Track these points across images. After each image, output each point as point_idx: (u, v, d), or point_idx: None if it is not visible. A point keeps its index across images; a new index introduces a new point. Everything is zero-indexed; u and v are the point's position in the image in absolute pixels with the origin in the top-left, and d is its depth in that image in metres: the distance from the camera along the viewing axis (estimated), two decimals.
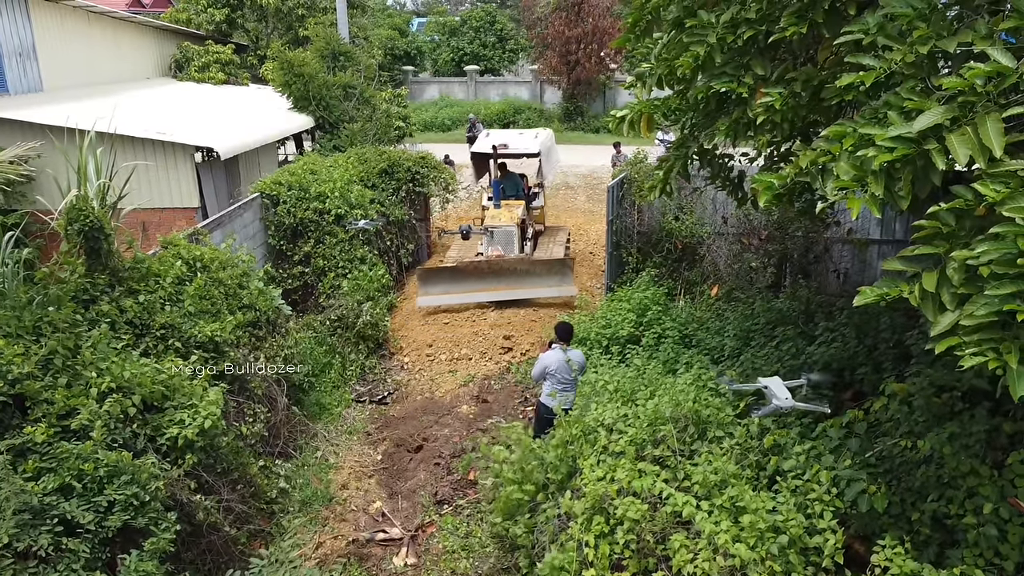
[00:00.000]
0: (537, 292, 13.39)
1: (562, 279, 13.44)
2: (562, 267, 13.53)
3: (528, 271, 13.44)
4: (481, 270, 13.46)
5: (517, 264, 13.56)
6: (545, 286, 13.39)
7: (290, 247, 12.75)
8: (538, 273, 13.42)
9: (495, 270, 13.42)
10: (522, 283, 13.35)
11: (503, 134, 16.59)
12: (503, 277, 13.36)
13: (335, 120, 17.49)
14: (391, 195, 14.77)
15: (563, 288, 13.47)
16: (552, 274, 13.42)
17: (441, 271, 13.71)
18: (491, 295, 13.31)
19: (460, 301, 13.32)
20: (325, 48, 17.97)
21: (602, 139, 31.27)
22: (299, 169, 13.55)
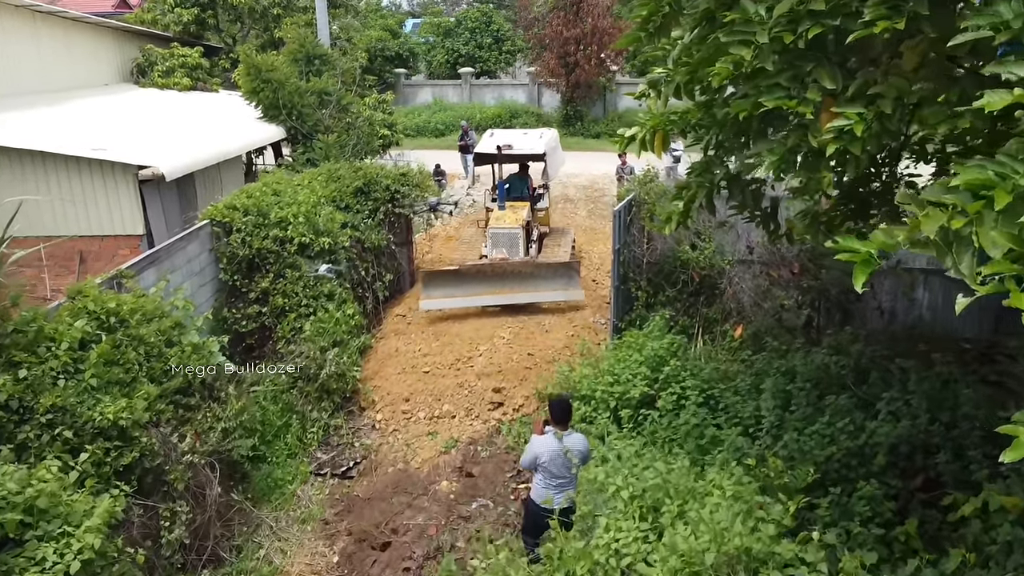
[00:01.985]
0: (543, 296, 12.65)
1: (568, 282, 12.64)
2: (568, 270, 12.74)
3: (533, 274, 12.70)
4: (485, 273, 12.73)
5: (522, 267, 12.82)
6: (551, 289, 12.65)
7: (245, 283, 10.84)
8: (544, 276, 12.69)
9: (499, 273, 12.70)
10: (527, 286, 12.60)
11: (507, 134, 15.59)
12: (507, 280, 12.64)
13: (309, 130, 15.58)
14: (367, 217, 12.87)
15: (570, 292, 12.65)
16: (558, 277, 12.67)
17: (444, 274, 12.88)
18: (495, 299, 12.57)
19: (464, 304, 12.54)
20: (299, 51, 16.05)
21: (603, 145, 29.30)
22: (259, 190, 11.64)
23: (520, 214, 13.90)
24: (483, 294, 12.63)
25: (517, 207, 14.17)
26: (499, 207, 14.05)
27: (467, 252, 14.61)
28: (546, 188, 15.30)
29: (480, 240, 14.54)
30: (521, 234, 13.53)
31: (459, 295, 12.59)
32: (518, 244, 13.48)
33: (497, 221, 13.72)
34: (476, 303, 12.60)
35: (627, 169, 17.67)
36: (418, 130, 32.19)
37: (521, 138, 15.04)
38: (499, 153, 14.38)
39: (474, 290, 12.62)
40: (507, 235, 13.49)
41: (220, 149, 13.84)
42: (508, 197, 14.40)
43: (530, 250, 13.86)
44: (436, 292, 12.60)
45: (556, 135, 16.08)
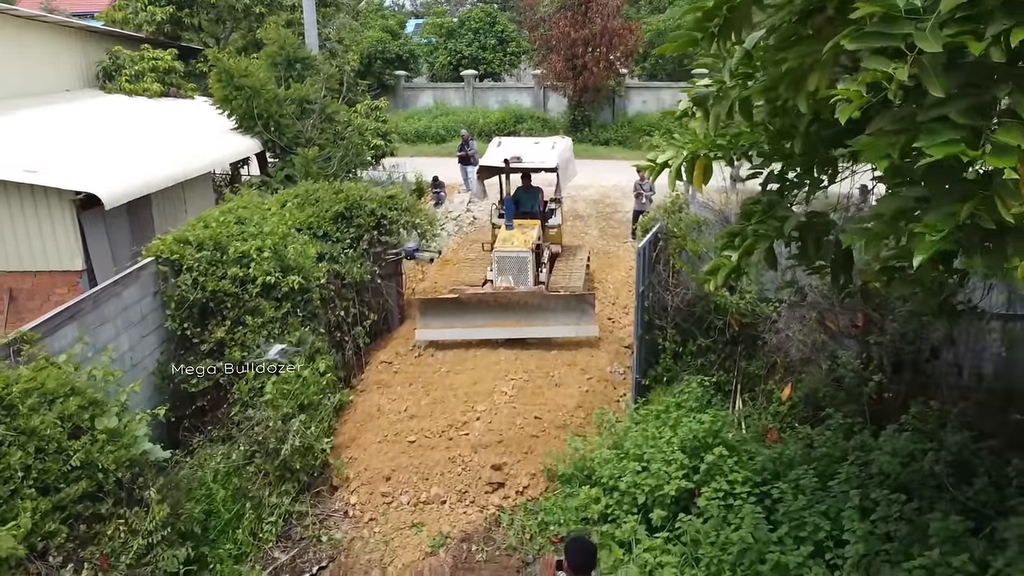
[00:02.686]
0: (552, 331, 11.13)
1: (581, 316, 11.09)
2: (581, 303, 11.16)
3: (542, 306, 11.18)
4: (487, 303, 11.27)
5: (529, 298, 11.27)
6: (561, 324, 11.13)
7: (197, 332, 8.94)
8: (554, 309, 11.18)
9: (504, 303, 11.22)
10: (535, 320, 11.16)
11: (516, 144, 13.76)
12: (513, 311, 11.19)
13: (288, 143, 13.68)
14: (348, 247, 10.96)
15: (582, 327, 11.09)
16: (570, 311, 11.14)
17: (443, 302, 11.48)
18: (498, 331, 11.13)
19: (463, 336, 11.14)
20: (278, 54, 14.14)
21: (612, 152, 27.40)
22: (217, 219, 9.75)
23: (530, 234, 12.23)
24: (486, 325, 11.15)
25: (526, 226, 12.48)
26: (506, 226, 12.34)
27: (470, 274, 12.84)
28: (558, 202, 13.56)
29: (484, 262, 12.85)
30: (530, 258, 11.85)
31: (459, 325, 11.14)
32: (527, 269, 11.81)
33: (504, 243, 12.05)
34: (477, 335, 11.09)
35: (647, 186, 15.74)
36: (418, 136, 30.32)
37: (531, 148, 13.29)
38: (506, 166, 12.61)
39: (476, 321, 11.15)
40: (515, 259, 11.82)
41: (184, 166, 11.95)
42: (516, 213, 12.68)
43: (540, 274, 12.21)
44: (434, 321, 11.19)
45: (569, 144, 14.22)
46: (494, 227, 13.10)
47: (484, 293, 11.55)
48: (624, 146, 28.31)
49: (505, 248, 11.93)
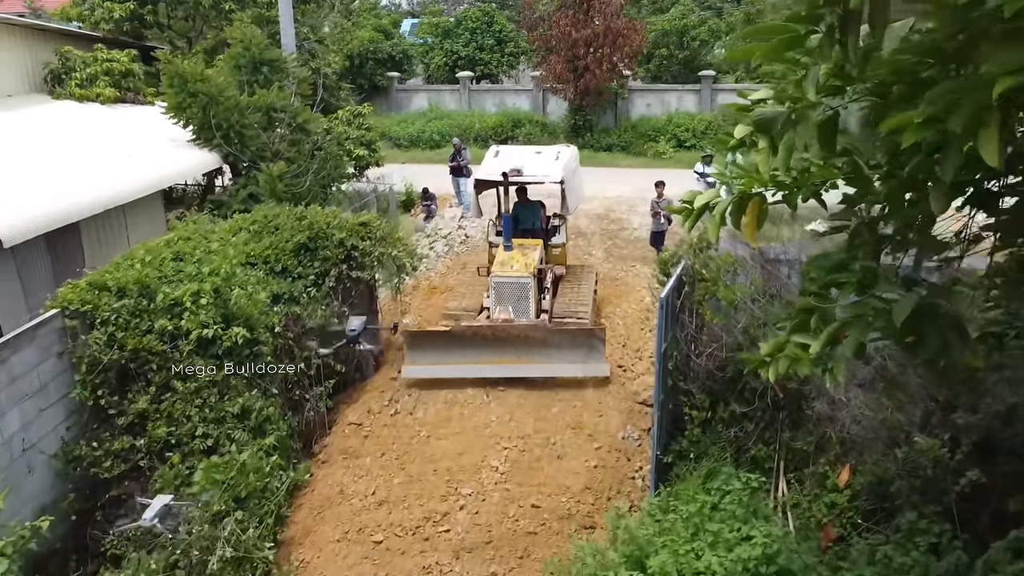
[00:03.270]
0: (556, 370, 9.65)
1: (589, 353, 9.65)
2: (590, 339, 9.72)
3: (546, 341, 9.70)
4: (484, 336, 9.75)
5: (531, 332, 9.82)
6: (568, 362, 9.66)
7: (114, 401, 7.12)
8: (559, 345, 9.70)
9: (502, 338, 9.72)
10: (538, 356, 9.67)
11: (516, 153, 12.12)
12: (513, 347, 9.69)
13: (252, 157, 11.83)
14: (312, 285, 9.12)
15: (591, 366, 9.63)
16: (577, 347, 9.68)
17: (434, 336, 9.97)
18: (496, 369, 9.62)
19: (456, 374, 9.61)
20: (242, 55, 12.26)
21: (615, 159, 25.52)
22: (143, 258, 7.93)
23: (531, 256, 10.67)
24: (482, 362, 9.64)
25: (527, 246, 10.93)
26: (504, 246, 10.81)
27: (464, 302, 11.10)
28: (563, 219, 11.94)
29: (479, 288, 11.28)
30: (531, 284, 10.32)
31: (451, 362, 9.68)
32: (528, 296, 10.29)
33: (503, 267, 10.48)
34: (472, 373, 9.59)
35: (664, 202, 13.89)
36: (411, 141, 28.43)
37: (533, 159, 11.60)
38: (505, 180, 10.95)
39: (470, 356, 9.65)
40: (514, 285, 10.30)
41: (125, 185, 10.10)
42: (515, 231, 11.10)
43: (543, 301, 10.67)
44: (423, 357, 9.76)
45: (575, 154, 12.31)
46: (491, 247, 11.60)
47: (480, 326, 10.01)
48: (628, 152, 26.43)
49: (504, 273, 10.36)
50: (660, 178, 14.95)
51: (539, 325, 9.99)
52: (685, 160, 24.71)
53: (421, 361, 9.73)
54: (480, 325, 10.07)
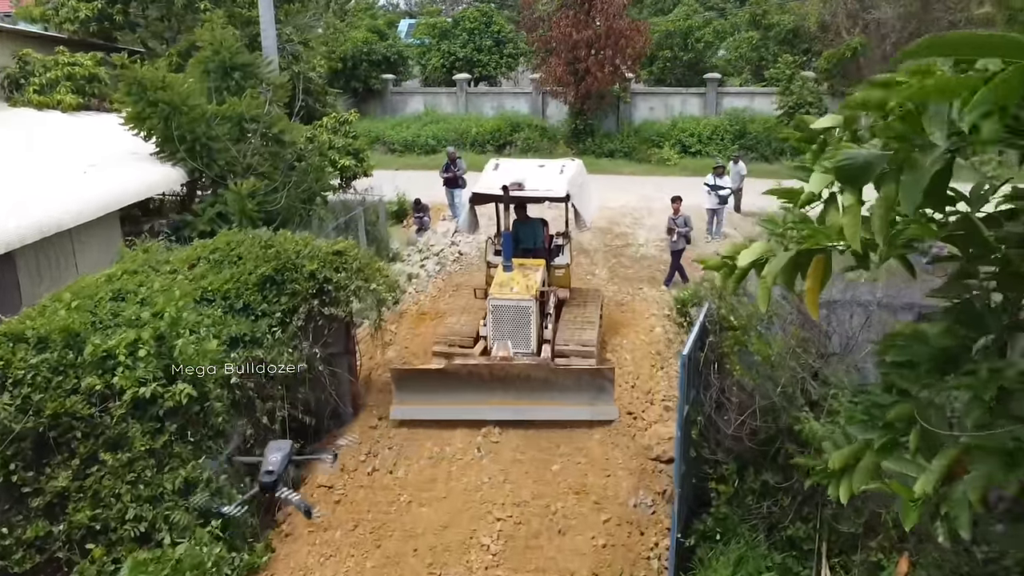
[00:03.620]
0: (561, 412, 8.69)
1: (597, 395, 8.75)
2: (597, 379, 8.78)
3: (548, 381, 8.76)
4: (480, 376, 8.82)
5: (532, 371, 8.85)
6: (572, 404, 8.72)
7: (29, 477, 5.90)
8: (563, 386, 8.76)
9: (500, 377, 8.80)
10: (540, 397, 8.73)
11: (518, 167, 11.06)
12: (512, 387, 8.77)
13: (221, 172, 10.59)
14: (278, 324, 7.89)
15: (598, 408, 8.74)
16: (583, 389, 8.76)
17: (424, 374, 8.99)
18: (493, 411, 8.74)
19: (449, 416, 8.73)
20: (211, 59, 11.02)
21: (618, 166, 24.29)
22: (79, 296, 6.71)
23: (532, 278, 9.68)
24: (476, 403, 8.76)
25: (528, 267, 9.97)
26: (504, 266, 9.80)
27: (458, 326, 10.15)
28: (567, 237, 10.98)
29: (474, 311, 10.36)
30: (533, 308, 9.29)
31: (444, 402, 8.77)
32: (528, 322, 9.28)
33: (501, 288, 9.44)
34: (466, 415, 8.73)
35: (681, 220, 12.66)
36: (406, 146, 27.22)
37: (535, 173, 10.59)
38: (505, 194, 9.86)
39: (464, 397, 8.76)
40: (514, 310, 9.28)
41: (72, 208, 8.87)
42: (515, 250, 10.13)
43: (545, 328, 9.64)
44: (412, 397, 8.86)
45: (581, 168, 11.18)
46: (489, 267, 10.59)
47: (476, 365, 8.97)
48: (630, 158, 25.19)
49: (502, 295, 9.31)
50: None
51: (541, 364, 8.94)
52: (691, 167, 23.48)
53: (411, 401, 8.82)
54: (476, 364, 9.00)
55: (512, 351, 9.08)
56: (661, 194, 19.53)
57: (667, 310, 11.61)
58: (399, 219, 18.88)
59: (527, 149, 26.11)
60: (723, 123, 25.31)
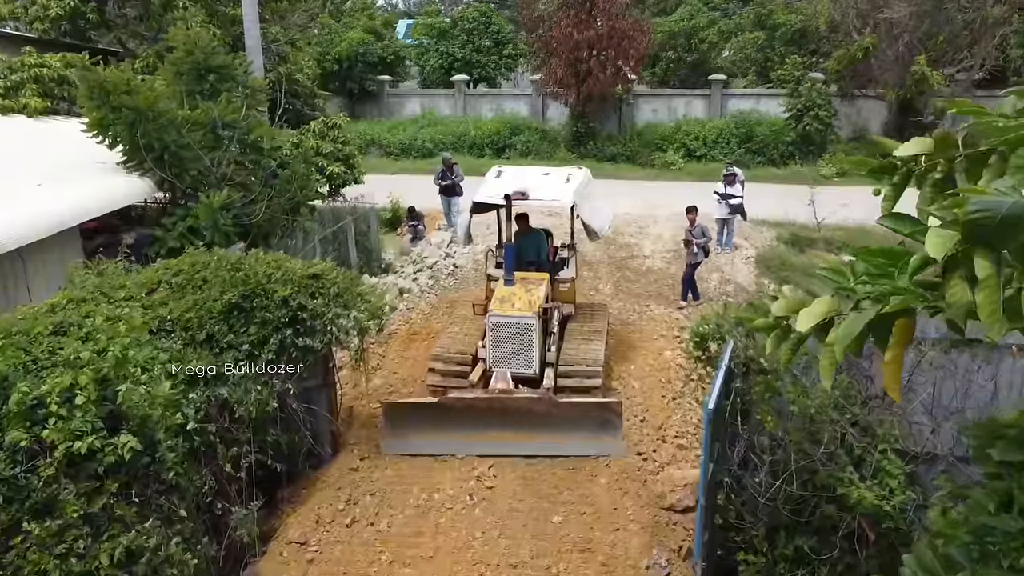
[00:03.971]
0: (565, 447, 8.02)
1: (603, 428, 7.99)
2: (604, 413, 8.00)
3: (551, 415, 8.06)
4: (479, 409, 8.12)
5: (534, 405, 8.11)
6: (578, 439, 8.03)
7: None
8: (567, 419, 8.05)
9: (499, 410, 8.11)
10: (542, 432, 8.03)
11: (521, 175, 10.34)
12: (513, 421, 8.07)
13: (192, 185, 9.68)
14: (246, 357, 6.97)
15: (604, 443, 8.00)
16: (589, 422, 8.03)
17: (419, 407, 8.28)
18: (493, 446, 8.08)
19: (445, 451, 8.10)
20: (183, 61, 10.10)
21: (620, 170, 23.36)
22: (12, 330, 5.81)
23: (536, 293, 9.04)
24: (474, 437, 8.08)
25: (531, 281, 9.32)
26: (505, 280, 9.18)
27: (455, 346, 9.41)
28: (572, 249, 10.39)
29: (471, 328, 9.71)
30: (535, 326, 8.67)
31: (440, 436, 8.09)
32: (530, 340, 8.67)
33: (502, 304, 8.83)
34: (464, 450, 8.06)
35: (697, 231, 11.74)
36: (402, 149, 26.31)
37: (540, 181, 9.94)
38: (508, 203, 9.29)
39: (461, 431, 8.08)
40: (515, 327, 8.68)
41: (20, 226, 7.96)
42: (518, 263, 9.50)
43: (548, 349, 9.01)
44: (404, 431, 8.13)
45: (588, 177, 10.48)
46: (489, 280, 9.95)
47: (473, 399, 8.23)
48: (633, 162, 24.27)
49: (503, 312, 8.72)
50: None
51: (543, 398, 8.16)
52: (696, 172, 22.57)
53: (404, 436, 8.12)
54: (474, 397, 8.24)
55: (511, 378, 8.43)
56: (667, 200, 18.63)
57: (676, 331, 10.72)
58: (393, 227, 17.97)
59: (527, 152, 25.20)
60: (729, 126, 24.40)
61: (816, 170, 22.12)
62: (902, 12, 20.74)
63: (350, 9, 35.15)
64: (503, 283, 9.13)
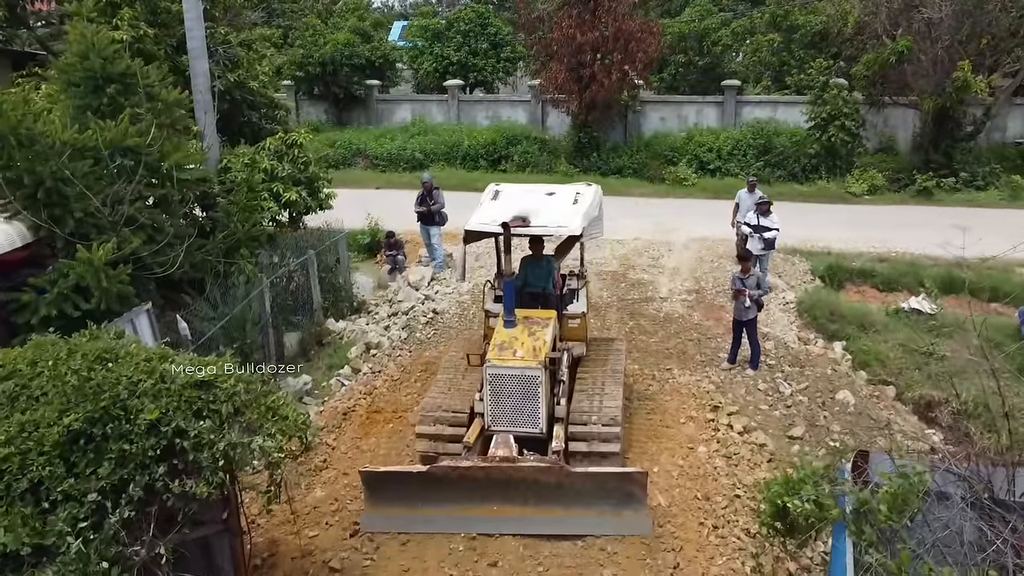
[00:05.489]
0: (578, 525, 6.59)
1: (624, 503, 6.57)
2: (626, 484, 6.60)
3: (562, 486, 6.63)
4: (475, 479, 6.77)
5: (542, 476, 6.70)
6: (594, 514, 6.58)
7: None
8: (581, 492, 6.62)
9: (499, 481, 6.72)
10: (552, 505, 6.63)
11: (522, 196, 8.85)
12: (516, 495, 6.68)
13: (75, 230, 7.24)
14: (92, 514, 4.55)
15: (625, 520, 6.55)
16: (607, 496, 6.60)
17: (403, 477, 6.86)
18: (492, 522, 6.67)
19: (436, 529, 6.67)
20: (74, 69, 7.66)
21: (627, 185, 20.90)
22: None
23: (541, 337, 7.57)
24: (470, 511, 6.76)
25: (536, 322, 7.87)
26: (505, 321, 7.76)
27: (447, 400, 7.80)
28: (583, 278, 9.06)
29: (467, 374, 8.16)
30: (541, 377, 7.20)
31: (427, 511, 6.75)
32: (536, 395, 7.21)
33: (502, 352, 7.37)
34: (460, 529, 6.70)
35: (752, 281, 9.28)
36: (390, 159, 23.86)
37: (543, 203, 8.51)
38: (506, 232, 7.82)
39: (454, 504, 6.75)
40: (518, 379, 7.23)
41: None
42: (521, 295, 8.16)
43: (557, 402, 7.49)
44: (387, 506, 6.81)
45: (599, 196, 9.08)
46: (487, 317, 8.52)
47: (469, 468, 6.86)
48: (641, 176, 21.80)
49: (503, 362, 7.26)
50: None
51: (553, 467, 6.74)
52: (711, 188, 20.07)
53: (387, 510, 6.78)
54: (469, 466, 6.83)
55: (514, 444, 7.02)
56: (681, 223, 16.18)
57: (709, 412, 8.28)
58: (372, 252, 15.55)
59: (525, 165, 22.73)
60: (745, 136, 21.90)
61: (844, 186, 19.71)
62: (943, 12, 18.24)
63: (340, 10, 32.67)
64: (503, 325, 7.67)
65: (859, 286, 13.30)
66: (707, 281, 12.65)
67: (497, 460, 6.84)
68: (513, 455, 6.91)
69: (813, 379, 9.24)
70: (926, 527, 3.88)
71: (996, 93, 19.50)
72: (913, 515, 3.62)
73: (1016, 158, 20.23)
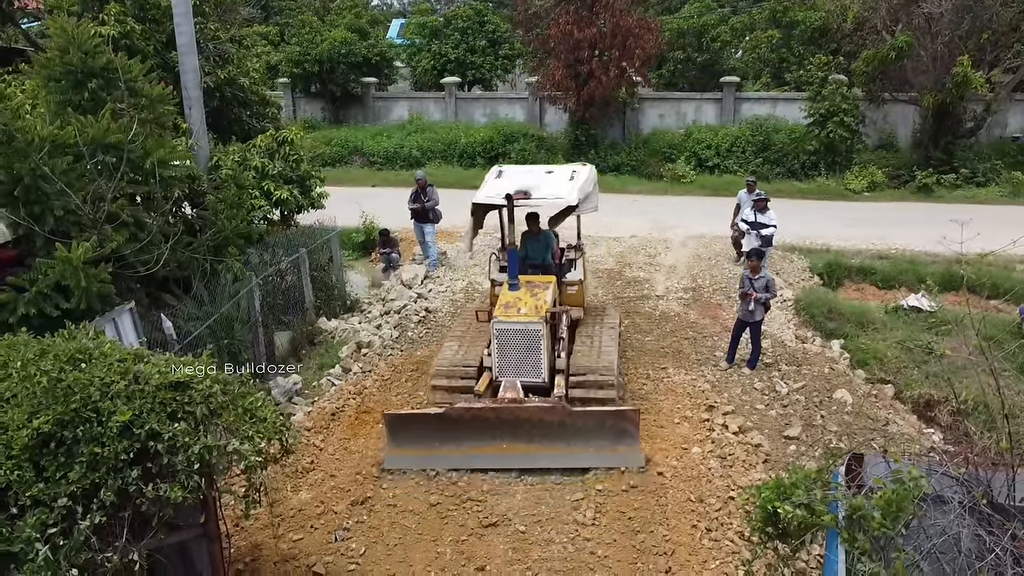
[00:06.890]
0: (579, 459, 7.43)
1: (619, 439, 7.42)
2: (620, 421, 7.44)
3: (563, 424, 7.46)
4: (487, 419, 7.51)
5: (545, 415, 7.48)
6: (592, 449, 7.45)
7: None
8: (580, 429, 7.47)
9: (510, 421, 7.48)
10: (553, 443, 7.46)
11: (523, 174, 9.87)
12: (523, 433, 7.46)
13: (57, 228, 7.10)
14: (62, 521, 4.40)
15: (619, 454, 7.38)
16: (604, 433, 7.45)
17: (422, 418, 7.68)
18: (502, 459, 7.46)
19: (452, 465, 7.46)
20: (54, 63, 7.51)
21: (625, 183, 20.74)
22: None
23: (542, 297, 8.45)
24: (481, 449, 7.53)
25: (537, 285, 8.77)
26: (509, 285, 8.64)
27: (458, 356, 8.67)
28: (580, 250, 9.90)
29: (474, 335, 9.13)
30: (543, 331, 8.08)
31: (444, 450, 7.56)
32: (538, 347, 8.08)
33: (507, 310, 8.24)
34: (472, 464, 7.49)
35: (760, 283, 9.08)
36: (387, 157, 23.73)
37: (543, 180, 9.43)
38: (510, 204, 8.72)
39: (467, 443, 7.53)
40: (521, 334, 8.08)
41: None
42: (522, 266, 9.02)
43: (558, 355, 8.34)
44: (408, 444, 7.58)
45: (593, 174, 9.95)
46: (493, 285, 9.51)
47: (480, 408, 7.62)
48: (639, 173, 21.64)
49: (508, 318, 8.13)
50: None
51: (556, 407, 7.52)
52: (710, 185, 19.92)
53: (407, 450, 7.55)
54: (481, 407, 7.61)
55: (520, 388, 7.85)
56: (679, 220, 16.04)
57: (704, 411, 8.12)
58: (367, 251, 15.41)
59: (523, 162, 22.59)
60: (744, 133, 21.73)
61: (844, 183, 19.54)
62: (943, 7, 18.05)
63: (338, 7, 32.52)
64: (507, 287, 8.56)
65: (858, 284, 13.14)
66: (704, 279, 12.49)
67: (506, 402, 7.58)
68: (520, 397, 7.69)
69: (810, 378, 9.08)
70: (922, 534, 3.73)
71: (996, 89, 19.31)
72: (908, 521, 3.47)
73: (1017, 154, 20.03)
